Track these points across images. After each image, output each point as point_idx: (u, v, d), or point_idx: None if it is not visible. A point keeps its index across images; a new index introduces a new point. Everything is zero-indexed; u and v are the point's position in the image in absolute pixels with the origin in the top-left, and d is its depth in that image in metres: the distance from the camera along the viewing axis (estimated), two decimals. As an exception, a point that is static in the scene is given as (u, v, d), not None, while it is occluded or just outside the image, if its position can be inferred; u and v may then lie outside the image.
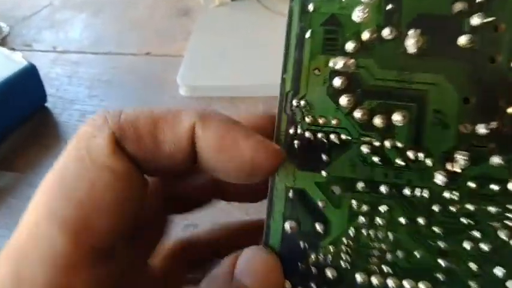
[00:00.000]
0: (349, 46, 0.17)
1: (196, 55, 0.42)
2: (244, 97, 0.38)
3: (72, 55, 0.49)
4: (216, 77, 0.39)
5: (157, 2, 0.56)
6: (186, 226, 0.32)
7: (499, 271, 0.17)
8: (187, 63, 0.41)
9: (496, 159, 0.16)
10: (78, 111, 0.41)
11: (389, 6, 0.17)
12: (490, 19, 0.16)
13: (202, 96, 0.39)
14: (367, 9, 0.17)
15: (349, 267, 0.18)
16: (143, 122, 0.15)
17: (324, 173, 0.17)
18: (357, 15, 0.17)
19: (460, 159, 0.17)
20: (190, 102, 0.39)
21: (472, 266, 0.17)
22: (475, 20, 0.16)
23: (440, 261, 0.17)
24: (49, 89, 0.44)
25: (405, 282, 0.17)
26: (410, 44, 0.17)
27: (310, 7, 0.17)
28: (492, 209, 0.17)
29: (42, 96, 0.44)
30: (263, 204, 0.18)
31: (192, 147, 0.16)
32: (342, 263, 0.18)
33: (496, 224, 0.17)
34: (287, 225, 0.18)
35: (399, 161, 0.17)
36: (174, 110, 0.16)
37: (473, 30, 0.16)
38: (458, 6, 0.17)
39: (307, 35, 0.17)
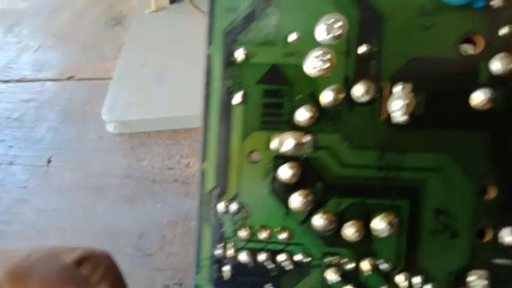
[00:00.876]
0: (302, 115, 0.11)
1: (126, 78, 0.35)
2: (188, 129, 0.32)
3: (-27, 86, 0.41)
4: (152, 107, 0.32)
5: (86, 8, 0.48)
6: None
7: None
8: (115, 92, 0.34)
9: (531, 282, 0.11)
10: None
11: (363, 49, 0.11)
12: None
13: (137, 132, 0.32)
14: (329, 55, 0.11)
15: None
16: None
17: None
18: (312, 64, 0.11)
19: (478, 284, 0.11)
20: (121, 141, 0.32)
21: None
22: (497, 65, 0.11)
23: None
24: None
25: None
26: (397, 107, 0.11)
27: (239, 55, 0.11)
28: None
29: None
30: None
31: None
32: None
33: None
34: None
35: (386, 290, 0.11)
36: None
37: (495, 80, 0.11)
38: (471, 44, 0.11)
39: (237, 100, 0.11)
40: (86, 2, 0.47)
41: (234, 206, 0.11)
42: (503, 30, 0.11)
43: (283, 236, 0.11)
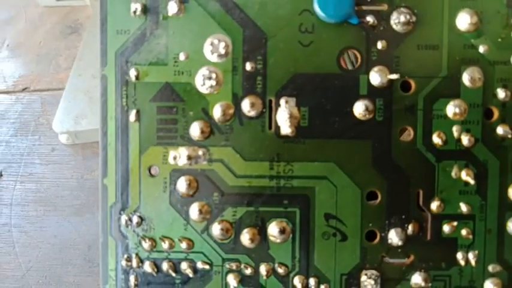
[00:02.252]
0: (195, 130, 0.11)
1: (78, 89, 0.35)
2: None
3: None
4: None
5: (42, 17, 0.48)
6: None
7: None
8: (67, 102, 0.34)
9: (417, 278, 0.12)
10: None
11: (249, 66, 0.11)
12: (395, 76, 0.11)
13: (89, 143, 0.32)
14: (216, 73, 0.11)
15: None
16: None
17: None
18: (202, 82, 0.11)
19: (368, 284, 0.12)
20: (74, 153, 0.32)
21: None
22: (375, 78, 0.11)
23: None
24: None
25: None
26: (284, 120, 0.11)
27: (132, 75, 0.11)
28: None
29: None
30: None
31: None
32: None
33: None
34: None
35: (283, 292, 0.12)
36: None
37: (374, 92, 0.11)
38: (349, 58, 0.11)
39: (132, 117, 0.11)
40: (42, 10, 0.47)
41: (135, 219, 0.12)
42: (379, 45, 0.12)
43: (184, 245, 0.12)
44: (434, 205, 0.12)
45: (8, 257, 0.27)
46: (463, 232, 0.12)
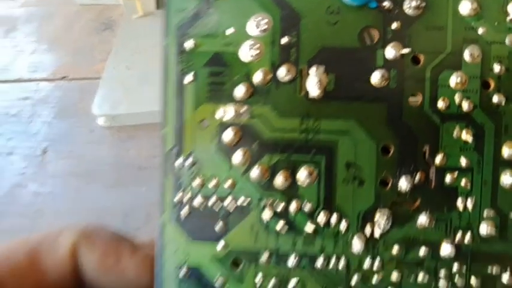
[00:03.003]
0: (239, 91, 0.14)
1: (114, 78, 0.38)
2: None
3: (-25, 86, 0.44)
4: (138, 103, 0.35)
5: (78, 14, 0.51)
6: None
7: None
8: (104, 89, 0.37)
9: (422, 219, 0.14)
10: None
11: (285, 40, 0.14)
12: (407, 50, 0.13)
13: (124, 126, 0.35)
14: (258, 45, 0.14)
15: None
16: (19, 258, 0.15)
17: (221, 245, 0.14)
18: (246, 52, 0.14)
19: (381, 221, 0.14)
20: (110, 134, 0.35)
21: None
22: (390, 52, 0.14)
23: None
24: None
25: None
26: (313, 84, 0.14)
27: (189, 45, 0.14)
28: (421, 277, 0.14)
29: None
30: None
31: (77, 271, 0.15)
32: None
33: (426, 294, 0.14)
34: (181, 311, 0.14)
35: (309, 226, 0.14)
36: (53, 234, 0.15)
37: (389, 64, 0.14)
38: (368, 36, 0.14)
39: (188, 79, 0.14)
40: (77, 8, 0.50)
41: (188, 162, 0.14)
42: (394, 25, 0.14)
43: (227, 185, 0.14)
44: (438, 159, 0.14)
45: (52, 221, 0.30)
46: (462, 182, 0.14)
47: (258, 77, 0.14)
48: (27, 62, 0.46)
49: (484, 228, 0.14)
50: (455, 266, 0.14)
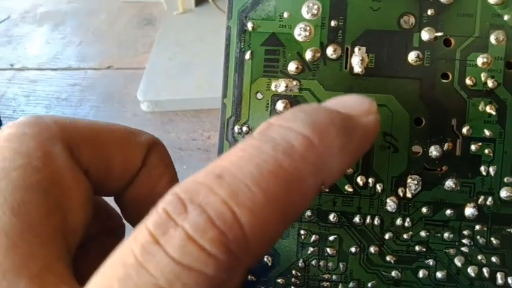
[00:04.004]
0: (292, 67, 0.16)
1: (157, 68, 0.41)
2: (209, 109, 0.37)
3: (30, 72, 0.47)
4: (179, 90, 0.37)
5: (121, 10, 0.54)
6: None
7: (456, 301, 0.16)
8: (148, 77, 0.40)
9: (449, 183, 0.16)
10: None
11: (333, 23, 0.16)
12: (440, 34, 0.15)
13: (166, 111, 0.38)
14: (309, 27, 0.16)
15: (300, 302, 0.17)
16: (104, 137, 0.15)
17: (270, 203, 0.16)
18: (299, 33, 0.16)
19: (412, 184, 0.16)
20: (153, 118, 0.38)
21: (428, 296, 0.16)
22: (425, 35, 0.15)
23: (395, 291, 0.16)
24: (5, 111, 0.43)
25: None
26: (356, 62, 0.16)
27: (249, 26, 0.16)
28: (446, 236, 0.16)
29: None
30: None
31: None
32: (293, 297, 0.16)
33: (450, 251, 0.16)
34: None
35: (348, 188, 0.16)
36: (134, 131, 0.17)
37: (424, 45, 0.15)
38: (406, 21, 0.16)
39: (247, 56, 0.16)
40: (120, 4, 0.53)
41: (245, 129, 0.16)
42: (429, 12, 0.16)
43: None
44: (465, 130, 0.16)
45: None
46: (486, 151, 0.16)
47: (308, 55, 0.16)
48: (75, 52, 0.49)
49: (504, 193, 0.15)
50: (477, 227, 0.16)
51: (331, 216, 0.16)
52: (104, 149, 0.15)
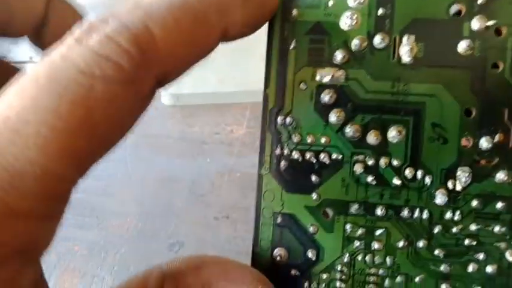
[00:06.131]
0: (338, 56, 0.15)
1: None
2: (231, 104, 0.36)
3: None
4: (201, 84, 0.37)
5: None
6: (171, 245, 0.30)
7: (506, 296, 0.15)
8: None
9: (500, 175, 0.15)
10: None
11: (380, 11, 0.15)
12: (491, 22, 0.15)
13: (187, 105, 0.37)
14: (356, 15, 0.15)
15: (345, 297, 0.16)
16: None
17: (314, 196, 0.16)
18: (345, 22, 0.15)
19: (462, 177, 0.15)
20: (174, 112, 0.37)
21: (478, 291, 0.16)
22: (475, 24, 0.15)
23: (442, 286, 0.16)
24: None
25: (406, 311, 0.16)
26: (405, 52, 0.15)
27: (293, 15, 0.16)
28: (497, 229, 0.15)
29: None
30: (252, 220, 0.17)
31: None
32: (337, 292, 0.16)
33: (501, 245, 0.15)
34: (276, 253, 0.16)
35: (396, 180, 0.16)
36: None
37: (474, 35, 0.15)
38: (456, 9, 0.15)
39: (291, 45, 0.16)
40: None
41: (288, 120, 0.16)
42: (479, 0, 0.15)
43: (323, 140, 0.16)
44: (517, 121, 0.15)
45: (124, 184, 0.33)
46: (538, 143, 0.15)
47: (355, 44, 0.15)
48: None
49: None
50: (529, 220, 0.15)
51: (379, 210, 0.16)
52: None
